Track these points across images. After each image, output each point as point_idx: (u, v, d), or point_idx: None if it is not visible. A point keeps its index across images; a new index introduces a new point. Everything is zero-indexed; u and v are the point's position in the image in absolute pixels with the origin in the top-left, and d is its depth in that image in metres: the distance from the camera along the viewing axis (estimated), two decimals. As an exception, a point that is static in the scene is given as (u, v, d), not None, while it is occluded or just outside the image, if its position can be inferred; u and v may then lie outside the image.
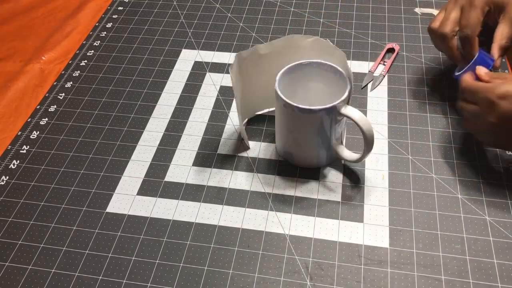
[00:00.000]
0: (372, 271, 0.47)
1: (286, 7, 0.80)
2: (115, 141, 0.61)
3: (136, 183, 0.56)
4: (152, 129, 0.62)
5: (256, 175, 0.56)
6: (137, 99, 0.66)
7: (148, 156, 0.59)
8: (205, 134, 0.61)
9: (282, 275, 0.47)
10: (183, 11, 0.80)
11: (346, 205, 0.53)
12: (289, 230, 0.51)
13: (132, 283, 0.48)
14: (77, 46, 0.76)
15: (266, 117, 0.62)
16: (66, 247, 0.51)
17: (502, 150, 0.56)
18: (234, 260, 0.49)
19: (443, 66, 0.67)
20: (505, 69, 0.66)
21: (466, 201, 0.52)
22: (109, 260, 0.49)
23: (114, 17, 0.81)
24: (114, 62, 0.72)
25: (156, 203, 0.54)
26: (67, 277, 0.48)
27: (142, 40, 0.75)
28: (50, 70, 0.72)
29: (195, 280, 0.47)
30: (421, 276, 0.47)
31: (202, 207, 0.53)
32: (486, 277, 0.46)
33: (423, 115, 0.61)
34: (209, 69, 0.70)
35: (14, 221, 0.53)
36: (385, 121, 0.61)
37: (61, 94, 0.68)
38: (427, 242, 0.49)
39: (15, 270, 0.49)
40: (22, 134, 0.63)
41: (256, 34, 0.75)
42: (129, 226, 0.52)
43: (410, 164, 0.56)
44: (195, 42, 0.74)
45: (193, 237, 0.51)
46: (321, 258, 0.49)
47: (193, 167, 0.57)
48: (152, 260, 0.49)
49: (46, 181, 0.57)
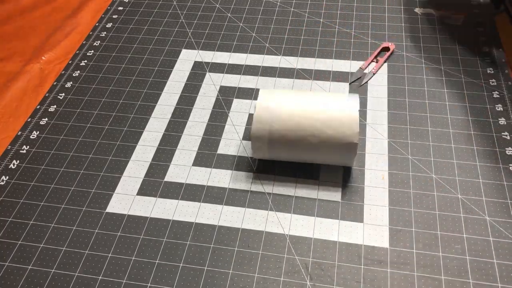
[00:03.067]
0: (372, 271, 0.47)
1: (286, 7, 0.80)
2: (115, 141, 0.61)
3: (136, 183, 0.56)
4: (152, 129, 0.62)
5: (256, 175, 0.56)
6: (137, 99, 0.66)
7: (148, 156, 0.59)
8: (205, 134, 0.61)
9: (282, 275, 0.47)
10: (183, 11, 0.80)
11: (346, 205, 0.52)
12: (289, 230, 0.51)
13: (132, 283, 0.48)
14: (77, 46, 0.76)
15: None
16: (66, 247, 0.51)
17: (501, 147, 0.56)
18: (234, 260, 0.49)
19: (443, 66, 0.67)
20: (505, 70, 0.66)
21: (466, 201, 0.52)
22: (109, 260, 0.49)
23: (114, 17, 0.81)
24: (114, 62, 0.72)
25: (156, 203, 0.54)
26: (67, 277, 0.48)
27: (142, 40, 0.75)
28: (50, 70, 0.72)
29: (195, 280, 0.47)
30: (421, 276, 0.47)
31: (202, 207, 0.53)
32: (486, 277, 0.46)
33: (423, 115, 0.61)
34: (209, 69, 0.70)
35: (14, 221, 0.53)
36: (385, 121, 0.61)
37: (61, 94, 0.68)
38: (427, 242, 0.49)
39: (15, 270, 0.49)
40: (22, 134, 0.63)
41: (256, 34, 0.75)
42: (129, 226, 0.52)
43: (410, 164, 0.56)
44: (195, 42, 0.74)
45: (193, 237, 0.51)
46: (321, 258, 0.49)
47: (193, 167, 0.57)
48: (152, 260, 0.49)
49: (46, 181, 0.57)
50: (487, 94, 0.63)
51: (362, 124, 0.60)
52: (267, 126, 0.51)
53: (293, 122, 0.51)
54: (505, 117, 0.60)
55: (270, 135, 0.51)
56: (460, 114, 0.61)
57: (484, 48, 0.69)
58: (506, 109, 0.61)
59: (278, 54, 0.71)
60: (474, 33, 0.72)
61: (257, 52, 0.72)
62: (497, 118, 0.60)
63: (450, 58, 0.68)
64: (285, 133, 0.51)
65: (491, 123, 0.59)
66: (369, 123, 0.61)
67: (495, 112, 0.61)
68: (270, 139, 0.52)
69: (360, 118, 0.61)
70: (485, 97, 0.63)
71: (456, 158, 0.56)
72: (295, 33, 0.74)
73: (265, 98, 0.53)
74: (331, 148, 0.51)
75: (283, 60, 0.70)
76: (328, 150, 0.51)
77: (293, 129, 0.51)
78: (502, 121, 0.60)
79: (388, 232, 0.50)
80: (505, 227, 0.50)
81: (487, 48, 0.69)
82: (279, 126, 0.51)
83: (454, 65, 0.67)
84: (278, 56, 0.71)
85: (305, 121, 0.51)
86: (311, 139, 0.51)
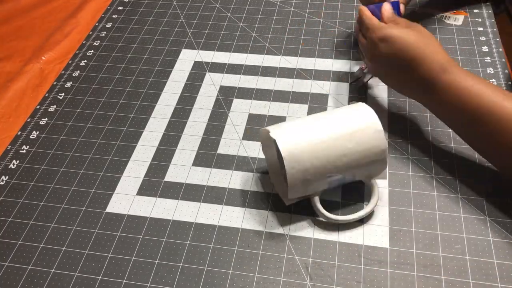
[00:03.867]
0: (372, 271, 0.47)
1: (286, 7, 0.80)
2: (115, 141, 0.61)
3: (136, 183, 0.56)
4: (152, 129, 0.62)
5: (256, 175, 0.56)
6: (137, 99, 0.66)
7: (148, 156, 0.59)
8: (205, 134, 0.61)
9: (282, 275, 0.47)
10: (183, 11, 0.80)
11: (346, 205, 0.52)
12: (289, 230, 0.51)
13: (132, 283, 0.48)
14: (77, 46, 0.76)
15: (266, 117, 0.62)
16: (66, 247, 0.51)
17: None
18: (234, 260, 0.49)
19: (443, 66, 0.67)
20: (505, 70, 0.66)
21: (466, 201, 0.52)
22: (109, 260, 0.49)
23: (114, 17, 0.81)
24: (114, 62, 0.72)
25: (156, 203, 0.54)
26: (66, 277, 0.48)
27: (142, 40, 0.75)
28: (50, 70, 0.72)
29: (195, 280, 0.47)
30: (421, 276, 0.47)
31: (202, 207, 0.53)
32: (486, 277, 0.46)
33: (423, 115, 0.61)
34: (209, 69, 0.70)
35: (14, 221, 0.53)
36: (385, 121, 0.61)
37: (61, 94, 0.68)
38: (427, 242, 0.49)
39: (15, 270, 0.49)
40: (21, 134, 0.63)
41: (256, 34, 0.75)
42: (129, 226, 0.52)
43: (410, 164, 0.56)
44: (195, 42, 0.74)
45: (193, 237, 0.51)
46: (321, 258, 0.48)
47: (193, 167, 0.57)
48: (152, 260, 0.49)
49: (46, 181, 0.57)
50: (487, 94, 0.63)
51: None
52: (302, 168, 0.47)
53: (323, 155, 0.47)
54: (505, 117, 0.60)
55: (304, 176, 0.47)
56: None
57: (484, 48, 0.69)
58: (506, 109, 0.61)
59: (278, 54, 0.71)
60: (474, 33, 0.72)
61: (257, 52, 0.72)
62: (497, 118, 0.60)
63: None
64: (319, 169, 0.48)
65: (491, 123, 0.59)
66: (369, 123, 0.61)
67: (495, 112, 0.61)
68: (304, 180, 0.48)
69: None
70: (485, 97, 0.63)
71: (456, 158, 0.56)
72: (295, 33, 0.74)
73: (283, 141, 0.48)
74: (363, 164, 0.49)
75: (283, 60, 0.70)
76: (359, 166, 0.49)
77: (324, 163, 0.48)
78: (502, 121, 0.60)
79: (388, 232, 0.50)
80: (505, 227, 0.50)
81: (487, 48, 0.69)
82: (311, 164, 0.47)
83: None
84: (278, 56, 0.71)
85: (333, 150, 0.48)
86: (341, 163, 0.48)
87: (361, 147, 0.48)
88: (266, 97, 0.65)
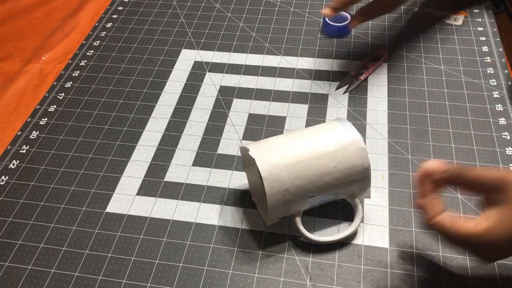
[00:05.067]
0: (372, 271, 0.47)
1: (286, 7, 0.80)
2: (115, 141, 0.61)
3: (136, 183, 0.56)
4: (152, 129, 0.62)
5: (256, 175, 0.56)
6: (137, 99, 0.66)
7: (148, 156, 0.59)
8: (205, 134, 0.61)
9: (282, 275, 0.47)
10: (183, 11, 0.80)
11: (346, 205, 0.52)
12: (289, 230, 0.51)
13: (132, 283, 0.48)
14: (77, 46, 0.76)
15: (266, 117, 0.62)
16: (66, 247, 0.51)
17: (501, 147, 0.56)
18: (234, 260, 0.49)
19: (443, 66, 0.67)
20: (505, 70, 0.66)
21: (466, 201, 0.52)
22: (109, 260, 0.49)
23: (114, 17, 0.81)
24: (114, 62, 0.72)
25: (156, 203, 0.54)
26: (66, 277, 0.48)
27: (142, 40, 0.75)
28: (50, 70, 0.72)
29: (194, 280, 0.47)
30: (421, 276, 0.47)
31: (202, 207, 0.53)
32: (486, 277, 0.46)
33: (423, 115, 0.61)
34: (209, 69, 0.70)
35: (13, 221, 0.53)
36: (385, 121, 0.61)
37: (61, 94, 0.68)
38: (427, 242, 0.49)
39: (15, 270, 0.49)
40: (21, 134, 0.63)
41: (256, 34, 0.75)
42: (129, 226, 0.52)
43: (410, 164, 0.56)
44: (195, 42, 0.74)
45: (193, 237, 0.51)
46: (321, 258, 0.48)
47: (193, 167, 0.57)
48: (152, 260, 0.49)
49: (46, 181, 0.57)
50: (487, 94, 0.63)
51: (362, 124, 0.60)
52: (281, 188, 0.46)
53: (303, 174, 0.46)
54: (505, 117, 0.60)
55: (284, 196, 0.46)
56: (460, 114, 0.61)
57: (484, 48, 0.69)
58: (506, 109, 0.61)
59: (278, 54, 0.71)
60: (474, 33, 0.72)
61: (257, 52, 0.72)
62: (497, 118, 0.60)
63: (450, 58, 0.68)
64: (300, 189, 0.46)
65: (491, 123, 0.59)
66: (369, 123, 0.61)
67: (495, 112, 0.61)
68: (284, 200, 0.46)
69: (360, 118, 0.61)
70: (485, 97, 0.63)
71: (456, 158, 0.56)
72: (295, 33, 0.74)
73: (263, 161, 0.46)
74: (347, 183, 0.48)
75: (283, 60, 0.70)
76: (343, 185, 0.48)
77: (305, 182, 0.46)
78: (502, 121, 0.60)
79: (388, 232, 0.50)
80: (505, 227, 0.50)
81: (487, 48, 0.69)
82: (291, 184, 0.46)
83: (454, 65, 0.67)
84: (278, 56, 0.71)
85: (313, 169, 0.46)
86: (323, 183, 0.47)
87: (343, 165, 0.47)
88: (266, 97, 0.65)
